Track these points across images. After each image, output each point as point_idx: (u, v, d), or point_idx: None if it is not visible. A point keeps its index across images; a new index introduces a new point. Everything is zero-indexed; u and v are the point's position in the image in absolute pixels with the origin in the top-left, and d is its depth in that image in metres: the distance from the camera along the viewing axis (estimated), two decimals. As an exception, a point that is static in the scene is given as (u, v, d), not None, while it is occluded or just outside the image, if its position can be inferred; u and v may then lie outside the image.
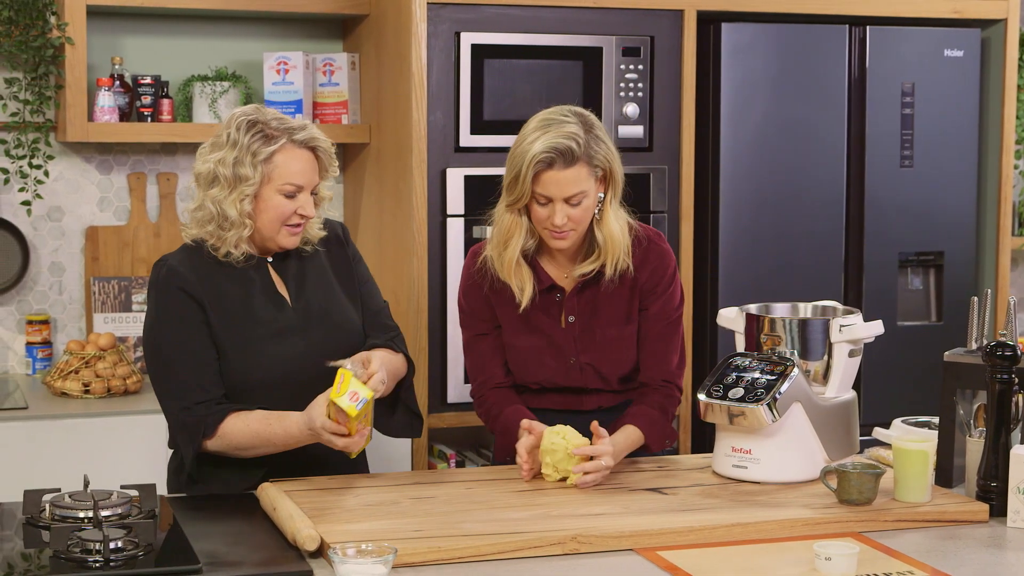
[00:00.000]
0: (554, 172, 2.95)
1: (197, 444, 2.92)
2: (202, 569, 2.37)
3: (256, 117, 2.95)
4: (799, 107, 4.44)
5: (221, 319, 2.95)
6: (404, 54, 4.13)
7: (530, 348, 3.11)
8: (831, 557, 2.38)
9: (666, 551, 2.51)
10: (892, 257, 4.57)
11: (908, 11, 4.56)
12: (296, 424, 2.84)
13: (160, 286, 2.97)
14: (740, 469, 2.93)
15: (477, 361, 3.19)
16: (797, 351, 2.97)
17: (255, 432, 2.88)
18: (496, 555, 2.47)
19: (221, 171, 2.92)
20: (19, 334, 4.49)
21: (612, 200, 3.04)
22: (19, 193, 4.39)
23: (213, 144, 2.97)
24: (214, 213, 2.93)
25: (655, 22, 4.31)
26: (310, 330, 3.01)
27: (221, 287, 2.97)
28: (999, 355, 2.75)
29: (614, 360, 3.11)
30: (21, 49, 4.20)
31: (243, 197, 2.91)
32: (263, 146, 2.91)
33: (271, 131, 2.93)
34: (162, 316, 2.96)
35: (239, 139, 2.92)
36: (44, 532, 2.57)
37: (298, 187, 2.94)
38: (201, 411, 2.91)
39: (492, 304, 3.13)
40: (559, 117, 2.98)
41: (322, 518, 2.61)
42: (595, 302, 3.10)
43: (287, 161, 2.93)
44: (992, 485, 2.76)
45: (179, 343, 2.94)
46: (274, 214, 2.94)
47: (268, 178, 2.92)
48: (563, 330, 3.10)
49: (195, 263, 2.98)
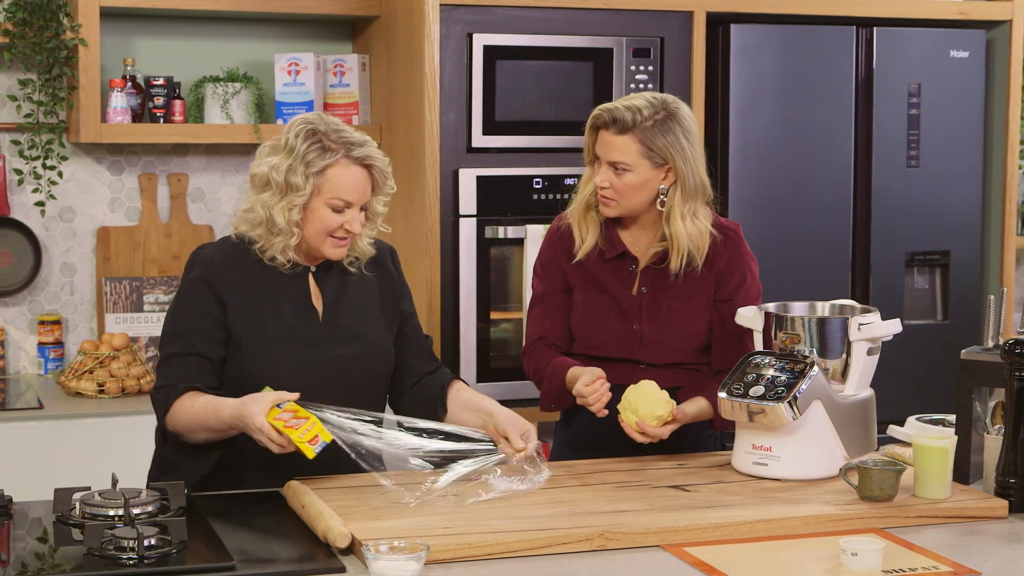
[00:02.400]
0: (606, 133, 3.13)
1: (160, 422, 2.95)
2: (236, 566, 2.39)
3: (316, 126, 2.94)
4: (807, 107, 4.47)
5: (243, 315, 2.96)
6: (417, 55, 4.15)
7: (596, 306, 3.21)
8: (857, 552, 2.41)
9: (692, 547, 2.54)
10: (899, 256, 4.61)
11: (914, 12, 4.60)
12: (228, 412, 2.81)
13: (189, 273, 3.01)
14: (760, 466, 2.96)
15: (537, 317, 3.30)
16: (816, 349, 3.00)
17: (195, 415, 2.88)
18: (526, 551, 2.49)
19: (274, 177, 2.92)
20: (31, 334, 4.51)
21: (680, 197, 3.13)
22: (32, 194, 4.41)
23: (272, 147, 2.97)
24: (263, 217, 2.94)
25: (665, 23, 4.35)
26: (335, 346, 3.00)
27: (251, 285, 2.98)
28: (1018, 353, 2.78)
29: (676, 333, 3.19)
30: (35, 51, 4.22)
31: (292, 206, 2.91)
32: (318, 158, 2.91)
33: (329, 143, 2.92)
34: (181, 300, 3.00)
35: (296, 147, 2.91)
36: (75, 530, 2.59)
37: (347, 203, 2.94)
38: (168, 392, 2.93)
39: (564, 264, 3.24)
40: (641, 95, 3.16)
41: (350, 516, 2.62)
42: (668, 277, 3.19)
43: (340, 176, 2.93)
44: (1011, 481, 2.79)
45: (184, 328, 2.96)
46: (320, 225, 2.94)
47: (318, 190, 2.92)
48: (633, 297, 3.20)
49: (230, 257, 3.00)
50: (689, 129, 3.14)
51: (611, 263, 3.22)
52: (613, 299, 3.21)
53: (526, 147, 4.26)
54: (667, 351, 3.19)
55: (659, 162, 3.12)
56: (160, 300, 4.51)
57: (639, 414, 3.04)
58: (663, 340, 3.19)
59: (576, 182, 3.38)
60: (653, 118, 3.10)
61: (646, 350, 3.20)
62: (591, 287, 3.23)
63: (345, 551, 2.50)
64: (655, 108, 3.11)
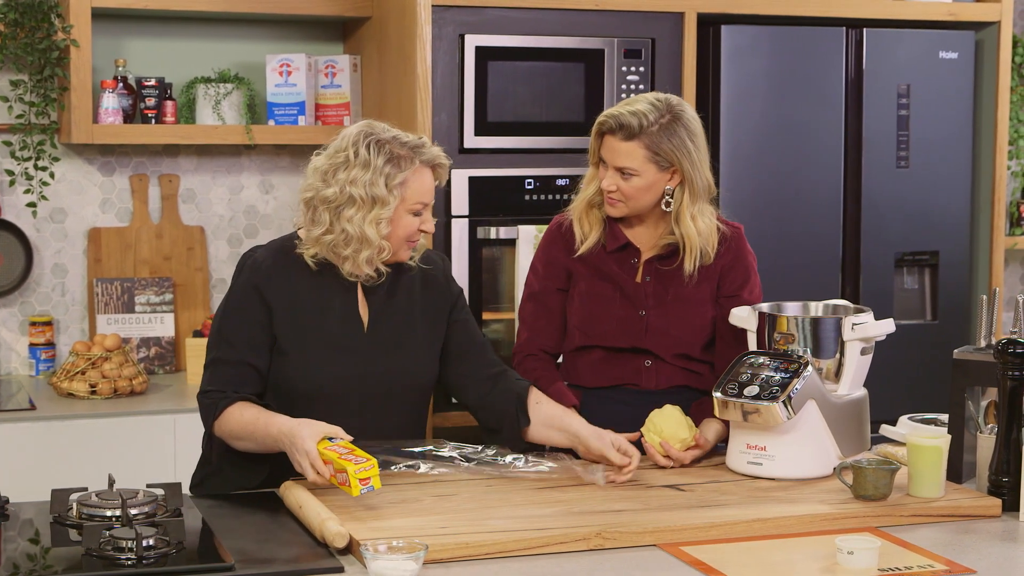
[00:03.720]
0: (612, 139, 3.15)
1: (209, 426, 2.96)
2: (235, 566, 2.40)
3: (379, 135, 2.93)
4: (797, 108, 4.49)
5: (290, 321, 2.96)
6: (409, 56, 4.16)
7: (601, 293, 3.24)
8: (853, 551, 2.42)
9: (689, 546, 2.55)
10: (888, 257, 4.63)
11: (903, 13, 4.62)
12: (278, 429, 2.82)
13: (240, 276, 3.02)
14: (755, 466, 2.97)
15: (530, 316, 3.33)
16: (810, 349, 3.02)
17: (244, 423, 2.89)
18: (523, 551, 2.50)
19: (356, 192, 2.89)
20: (22, 335, 4.51)
21: (688, 198, 3.16)
22: (24, 195, 4.41)
23: (333, 164, 2.93)
24: (352, 235, 2.91)
25: (656, 24, 4.36)
26: (376, 357, 3.00)
27: (299, 291, 2.98)
28: (1011, 352, 2.80)
29: (683, 322, 3.21)
30: (26, 51, 4.22)
31: (380, 219, 2.90)
32: (396, 169, 2.91)
33: (399, 152, 2.92)
34: (230, 303, 3.01)
35: (371, 160, 2.90)
36: (72, 531, 2.59)
37: (426, 205, 2.97)
38: (217, 397, 2.94)
39: (565, 259, 3.26)
40: (645, 97, 3.17)
41: (348, 516, 2.63)
42: (672, 269, 3.22)
43: (418, 182, 2.94)
44: (1004, 480, 2.81)
45: (233, 332, 2.97)
46: (404, 233, 2.95)
47: (403, 199, 2.93)
48: (637, 284, 3.23)
49: (281, 263, 3.00)
50: (694, 131, 3.16)
51: (614, 254, 3.25)
52: (617, 286, 3.23)
53: (518, 148, 4.26)
54: (674, 341, 3.20)
55: (665, 165, 3.14)
56: (151, 301, 4.51)
57: (663, 435, 3.06)
58: (669, 328, 3.20)
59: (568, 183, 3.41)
60: (659, 122, 3.12)
61: (652, 338, 3.21)
62: (594, 275, 3.25)
63: (343, 551, 2.51)
64: (660, 112, 3.13)
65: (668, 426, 3.07)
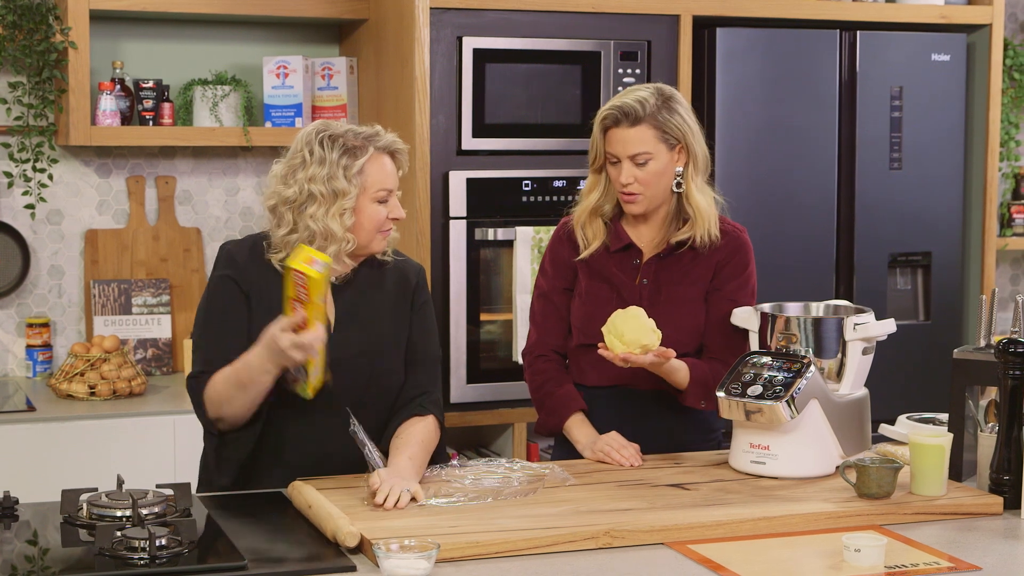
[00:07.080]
0: (619, 130, 3.18)
1: (199, 410, 3.00)
2: (247, 565, 2.41)
3: (332, 131, 2.98)
4: (791, 110, 4.52)
5: (264, 312, 2.98)
6: (407, 58, 4.18)
7: (598, 293, 3.26)
8: (860, 549, 2.44)
9: (697, 544, 2.57)
10: (882, 258, 4.66)
11: (896, 16, 4.66)
12: (256, 351, 2.86)
13: (215, 270, 3.07)
14: (758, 465, 3.00)
15: (539, 315, 3.36)
16: (811, 349, 3.04)
17: (226, 376, 2.92)
18: (533, 550, 2.52)
19: (315, 188, 2.93)
20: (19, 337, 4.51)
21: (694, 174, 3.22)
22: (21, 197, 4.41)
23: (291, 166, 2.98)
24: (316, 231, 2.94)
25: (652, 27, 4.39)
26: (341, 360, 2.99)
27: (270, 283, 3.00)
28: (1012, 352, 2.83)
29: (677, 321, 3.22)
30: (25, 53, 4.23)
31: (343, 211, 2.94)
32: (352, 159, 2.95)
33: (353, 142, 2.97)
34: (210, 295, 3.05)
35: (326, 155, 2.94)
36: (83, 531, 2.60)
37: (389, 191, 3.01)
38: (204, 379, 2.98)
39: (571, 258, 3.30)
40: (636, 86, 3.23)
41: (357, 515, 2.65)
42: (671, 268, 3.25)
43: (377, 168, 2.98)
44: (1005, 478, 2.84)
45: (215, 321, 3.02)
46: (372, 223, 2.99)
47: (363, 188, 2.96)
48: (635, 287, 3.25)
49: (253, 254, 3.04)
50: (687, 107, 3.24)
51: (616, 255, 3.27)
52: (615, 288, 3.26)
53: (515, 150, 4.29)
54: (670, 342, 3.21)
55: (673, 143, 3.19)
56: (148, 303, 4.52)
57: (624, 340, 3.03)
58: (663, 328, 3.21)
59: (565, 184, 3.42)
60: (657, 104, 3.18)
61: None
62: (594, 276, 3.28)
63: (354, 550, 2.52)
64: (655, 95, 3.19)
65: (630, 329, 3.03)
